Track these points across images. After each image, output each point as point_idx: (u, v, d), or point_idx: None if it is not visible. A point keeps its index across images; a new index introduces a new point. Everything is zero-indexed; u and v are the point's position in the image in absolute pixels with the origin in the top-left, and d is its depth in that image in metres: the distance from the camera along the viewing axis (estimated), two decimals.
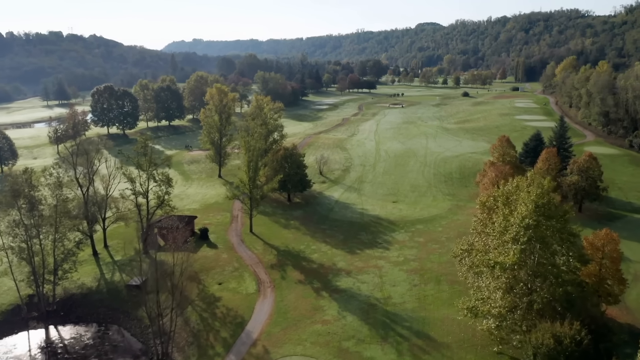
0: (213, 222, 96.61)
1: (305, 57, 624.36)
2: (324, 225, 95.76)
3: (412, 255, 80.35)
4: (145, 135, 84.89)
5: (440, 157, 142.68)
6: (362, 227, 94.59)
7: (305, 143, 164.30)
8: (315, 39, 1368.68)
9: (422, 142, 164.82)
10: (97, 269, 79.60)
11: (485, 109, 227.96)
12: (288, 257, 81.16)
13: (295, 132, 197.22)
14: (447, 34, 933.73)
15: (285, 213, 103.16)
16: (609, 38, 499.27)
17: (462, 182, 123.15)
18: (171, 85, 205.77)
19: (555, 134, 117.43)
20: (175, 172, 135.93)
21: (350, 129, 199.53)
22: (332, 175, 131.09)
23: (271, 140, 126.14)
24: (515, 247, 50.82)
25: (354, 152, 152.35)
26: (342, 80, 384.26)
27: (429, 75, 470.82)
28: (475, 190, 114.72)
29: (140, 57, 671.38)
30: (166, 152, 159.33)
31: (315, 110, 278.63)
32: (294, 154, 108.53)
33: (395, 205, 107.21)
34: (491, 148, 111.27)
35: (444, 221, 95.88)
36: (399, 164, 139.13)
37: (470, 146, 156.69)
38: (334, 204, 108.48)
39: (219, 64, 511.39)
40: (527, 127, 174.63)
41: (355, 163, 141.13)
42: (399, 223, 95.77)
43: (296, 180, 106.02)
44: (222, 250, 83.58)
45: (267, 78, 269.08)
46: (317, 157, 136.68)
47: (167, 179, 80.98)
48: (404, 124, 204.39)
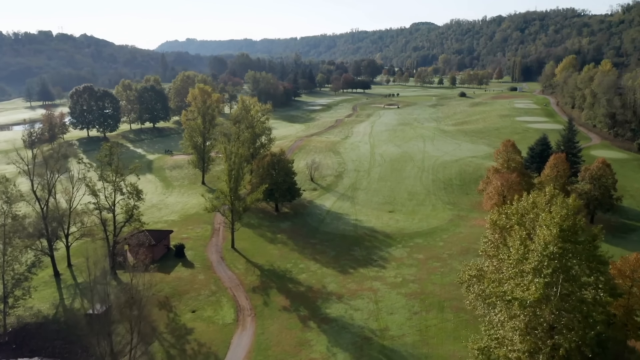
0: (192, 236, 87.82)
1: (299, 56, 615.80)
2: (313, 239, 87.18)
3: (411, 275, 71.93)
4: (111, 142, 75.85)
5: (439, 162, 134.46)
6: (356, 241, 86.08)
7: (296, 146, 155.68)
8: (309, 38, 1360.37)
9: (419, 146, 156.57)
10: (57, 292, 70.75)
11: (484, 110, 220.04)
12: (273, 277, 72.53)
13: (286, 135, 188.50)
14: (442, 34, 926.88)
15: (272, 225, 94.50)
16: (606, 37, 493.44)
17: (463, 189, 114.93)
18: (155, 85, 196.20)
19: (563, 138, 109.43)
20: (155, 179, 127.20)
21: (344, 131, 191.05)
22: (323, 181, 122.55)
23: (258, 144, 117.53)
24: (538, 280, 42.44)
25: (347, 156, 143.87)
26: (336, 80, 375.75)
27: (424, 75, 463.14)
28: (477, 199, 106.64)
29: (131, 56, 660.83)
30: (148, 157, 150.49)
31: (307, 111, 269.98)
32: (282, 160, 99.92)
33: (392, 216, 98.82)
34: (495, 153, 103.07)
35: (445, 234, 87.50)
36: (395, 169, 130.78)
37: (469, 150, 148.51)
38: (325, 215, 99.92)
39: (210, 64, 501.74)
40: (529, 129, 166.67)
41: (349, 168, 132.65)
42: (395, 236, 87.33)
43: (284, 189, 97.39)
44: (199, 270, 74.80)
45: (257, 78, 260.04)
46: (308, 162, 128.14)
47: (136, 190, 72.13)
48: (399, 126, 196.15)
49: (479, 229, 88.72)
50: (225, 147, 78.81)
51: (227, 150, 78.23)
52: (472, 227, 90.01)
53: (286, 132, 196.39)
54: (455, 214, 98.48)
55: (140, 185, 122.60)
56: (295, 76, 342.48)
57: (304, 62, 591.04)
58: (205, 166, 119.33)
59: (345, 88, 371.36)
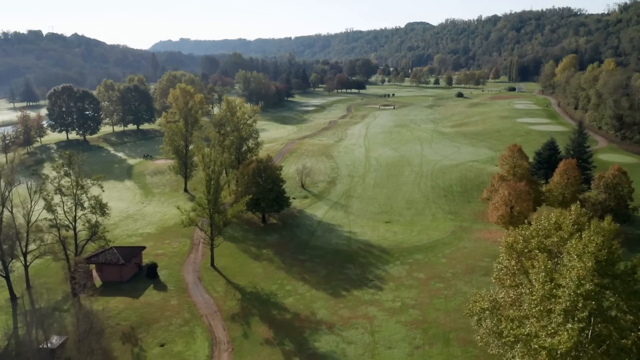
0: (168, 252, 79.49)
1: (293, 56, 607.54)
2: (302, 255, 79.03)
3: (411, 298, 63.91)
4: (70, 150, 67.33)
5: (438, 167, 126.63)
6: (349, 257, 78.03)
7: (287, 150, 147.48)
8: (303, 38, 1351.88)
9: (416, 149, 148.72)
10: (11, 320, 62.32)
11: (483, 110, 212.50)
12: (255, 302, 64.33)
13: (277, 137, 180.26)
14: (437, 33, 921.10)
15: (257, 238, 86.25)
16: (603, 36, 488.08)
17: (465, 196, 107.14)
18: (140, 85, 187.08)
19: (573, 142, 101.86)
20: (134, 186, 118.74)
21: (338, 133, 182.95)
22: (315, 188, 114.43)
23: (245, 149, 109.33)
24: (572, 326, 34.49)
25: (341, 161, 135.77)
26: (330, 80, 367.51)
27: (420, 75, 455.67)
28: (480, 208, 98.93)
29: (122, 56, 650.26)
30: (128, 161, 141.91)
31: (300, 111, 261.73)
32: (270, 167, 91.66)
33: (389, 227, 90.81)
34: (500, 159, 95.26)
35: (448, 249, 79.53)
36: (392, 174, 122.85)
37: (470, 153, 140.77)
38: (317, 226, 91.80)
39: (202, 63, 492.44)
40: (532, 131, 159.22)
41: (343, 173, 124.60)
42: (393, 252, 79.31)
43: (271, 198, 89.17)
44: (173, 293, 66.48)
45: (248, 77, 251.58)
46: (299, 167, 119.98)
47: (100, 204, 63.70)
48: (395, 128, 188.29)
49: (484, 243, 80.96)
50: (203, 154, 70.48)
51: (206, 157, 69.95)
52: (477, 241, 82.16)
53: (277, 135, 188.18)
54: (457, 225, 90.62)
55: (117, 193, 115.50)
56: (287, 76, 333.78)
57: (298, 61, 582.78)
58: (188, 172, 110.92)
59: (339, 88, 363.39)
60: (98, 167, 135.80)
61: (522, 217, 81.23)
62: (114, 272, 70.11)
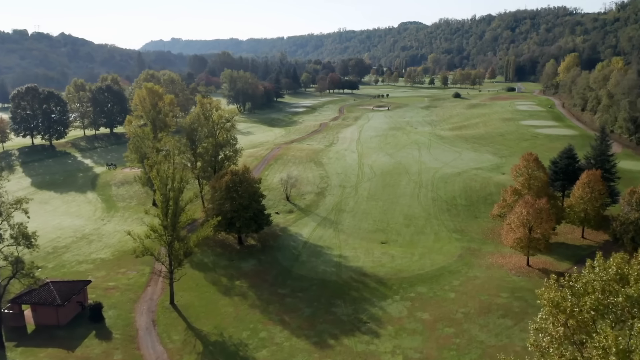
0: (121, 284, 66.40)
1: (285, 55, 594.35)
2: (283, 287, 66.21)
3: (415, 349, 51.27)
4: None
5: (439, 175, 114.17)
6: (339, 290, 65.29)
7: (273, 156, 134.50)
8: (296, 38, 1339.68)
9: (414, 154, 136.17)
10: None
11: (483, 112, 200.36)
12: (220, 356, 51.38)
13: (263, 141, 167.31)
14: (431, 33, 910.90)
15: (230, 265, 73.30)
16: (600, 35, 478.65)
17: (470, 211, 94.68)
18: (113, 85, 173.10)
19: (594, 150, 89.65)
20: (97, 198, 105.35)
21: (329, 136, 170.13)
22: (302, 201, 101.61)
23: (221, 157, 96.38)
24: None
25: (331, 168, 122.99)
26: (321, 80, 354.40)
27: (414, 75, 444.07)
28: (490, 224, 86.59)
29: (109, 55, 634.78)
30: (95, 169, 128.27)
31: (290, 113, 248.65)
32: (247, 180, 78.65)
33: (385, 250, 78.18)
34: (513, 169, 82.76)
35: (456, 279, 66.92)
36: (388, 184, 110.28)
37: (473, 160, 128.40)
38: (302, 249, 79.00)
39: (190, 63, 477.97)
40: (539, 135, 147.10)
41: (333, 183, 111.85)
42: (391, 282, 66.67)
43: (248, 217, 76.17)
44: (118, 342, 53.38)
45: (235, 77, 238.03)
46: (284, 176, 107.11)
47: (23, 234, 50.47)
48: (390, 131, 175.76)
49: (498, 272, 68.43)
50: (157, 169, 57.41)
51: (161, 173, 56.92)
52: (490, 268, 69.63)
53: (263, 138, 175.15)
54: (464, 247, 78.11)
55: (75, 208, 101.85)
56: (277, 76, 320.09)
57: (289, 61, 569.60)
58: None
59: (331, 88, 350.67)
60: (60, 177, 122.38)
61: (543, 241, 69.05)
62: (49, 314, 56.98)
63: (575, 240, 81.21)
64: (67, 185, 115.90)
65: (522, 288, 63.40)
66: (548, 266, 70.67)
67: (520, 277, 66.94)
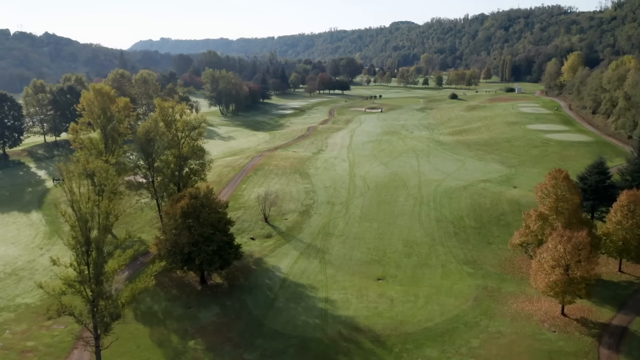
0: (41, 345, 50.78)
1: (274, 55, 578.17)
2: (251, 349, 50.92)
3: None
4: None
5: (441, 189, 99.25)
6: (324, 354, 50.16)
7: (253, 166, 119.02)
8: (287, 38, 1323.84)
9: (411, 164, 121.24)
10: None
11: (484, 115, 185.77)
12: None
13: (244, 147, 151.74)
14: (423, 33, 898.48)
15: (186, 315, 57.80)
16: (597, 34, 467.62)
17: (482, 235, 79.80)
18: (76, 85, 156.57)
19: (632, 165, 75.02)
20: (41, 220, 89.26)
21: (317, 142, 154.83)
22: (283, 222, 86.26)
23: (186, 171, 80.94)
24: None
25: (318, 181, 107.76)
26: (311, 81, 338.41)
27: (407, 75, 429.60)
28: (507, 254, 71.95)
29: (93, 55, 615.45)
30: (46, 184, 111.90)
31: (276, 115, 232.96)
32: (209, 205, 63.12)
33: (382, 290, 63.10)
34: (538, 190, 67.61)
35: (474, 337, 51.91)
36: (383, 200, 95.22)
37: (478, 170, 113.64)
38: (279, 289, 63.74)
39: (175, 62, 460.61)
40: (550, 141, 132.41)
41: (320, 199, 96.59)
42: (391, 342, 51.61)
43: (210, 251, 60.68)
44: None
45: (217, 77, 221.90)
46: (262, 193, 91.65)
47: None
48: (385, 136, 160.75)
49: (528, 325, 53.43)
50: (72, 200, 41.92)
51: (73, 201, 41.53)
52: (516, 319, 54.62)
53: (245, 144, 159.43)
54: (480, 286, 63.19)
55: (14, 232, 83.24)
56: (263, 75, 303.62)
57: (279, 61, 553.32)
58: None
59: (321, 89, 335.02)
60: (6, 192, 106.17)
61: (584, 285, 54.21)
62: None
63: (611, 274, 66.58)
64: (11, 202, 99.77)
65: (561, 351, 48.65)
66: (587, 314, 56.00)
67: (557, 332, 52.11)
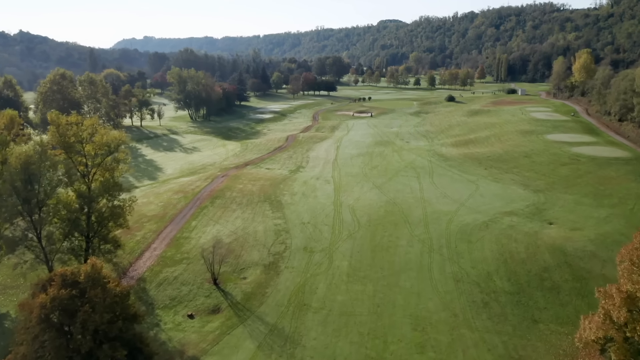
0: None
1: (258, 53, 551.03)
2: None
3: None
4: None
5: (455, 227, 74.69)
6: None
7: (211, 191, 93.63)
8: (273, 36, 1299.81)
9: (412, 187, 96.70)
10: None
11: (491, 121, 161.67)
12: None
13: (207, 163, 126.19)
14: (411, 31, 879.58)
15: None
16: (594, 32, 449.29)
17: (522, 304, 55.27)
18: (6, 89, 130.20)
19: None
20: None
21: (296, 156, 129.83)
22: (239, 285, 61.11)
23: (96, 217, 55.61)
24: None
25: (294, 214, 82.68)
26: (295, 81, 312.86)
27: (397, 74, 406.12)
28: (563, 341, 47.50)
29: (66, 54, 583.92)
30: None
31: (253, 120, 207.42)
32: (97, 294, 37.72)
33: None
34: (623, 257, 43.13)
35: None
36: (379, 245, 70.45)
37: (497, 196, 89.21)
38: None
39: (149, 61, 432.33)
40: (579, 157, 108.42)
41: (294, 244, 71.51)
42: None
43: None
44: None
45: (184, 77, 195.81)
46: (210, 245, 66.47)
47: None
48: (377, 147, 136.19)
49: None
50: None
51: None
52: None
53: (209, 158, 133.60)
54: None
55: None
56: (240, 75, 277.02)
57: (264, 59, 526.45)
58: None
59: (306, 90, 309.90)
60: None
61: None
62: None
63: None
64: None
65: None
66: None
67: None
